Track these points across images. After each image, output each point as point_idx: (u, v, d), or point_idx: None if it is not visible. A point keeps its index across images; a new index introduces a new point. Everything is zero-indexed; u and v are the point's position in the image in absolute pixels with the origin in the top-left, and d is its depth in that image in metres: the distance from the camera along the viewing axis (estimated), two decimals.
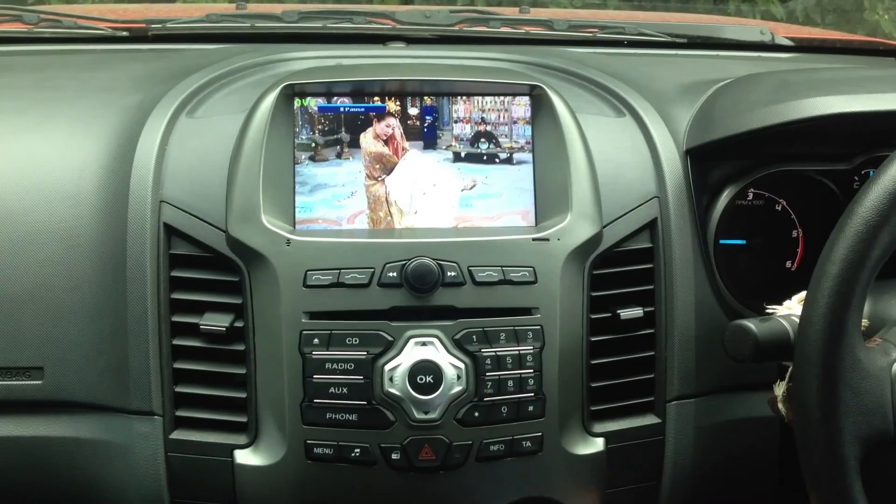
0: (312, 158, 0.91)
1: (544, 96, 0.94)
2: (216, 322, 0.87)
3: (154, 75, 1.05)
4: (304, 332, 0.85)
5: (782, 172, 1.01)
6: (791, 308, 0.87)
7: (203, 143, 0.93)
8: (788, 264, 1.04)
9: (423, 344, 0.84)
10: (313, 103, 0.92)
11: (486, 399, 0.85)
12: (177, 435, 0.89)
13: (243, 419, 0.89)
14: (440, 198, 0.92)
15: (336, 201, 0.91)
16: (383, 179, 0.92)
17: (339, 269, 0.85)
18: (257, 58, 1.09)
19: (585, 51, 1.24)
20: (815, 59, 1.37)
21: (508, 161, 0.93)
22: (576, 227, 0.89)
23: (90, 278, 0.89)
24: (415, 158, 0.93)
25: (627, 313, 0.92)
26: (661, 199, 0.96)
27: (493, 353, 0.85)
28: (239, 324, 0.88)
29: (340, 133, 0.92)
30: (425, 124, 0.93)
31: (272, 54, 1.10)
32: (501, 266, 0.87)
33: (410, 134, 0.93)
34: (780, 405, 0.84)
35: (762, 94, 0.99)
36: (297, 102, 0.92)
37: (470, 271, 0.86)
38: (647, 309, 0.93)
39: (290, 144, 0.91)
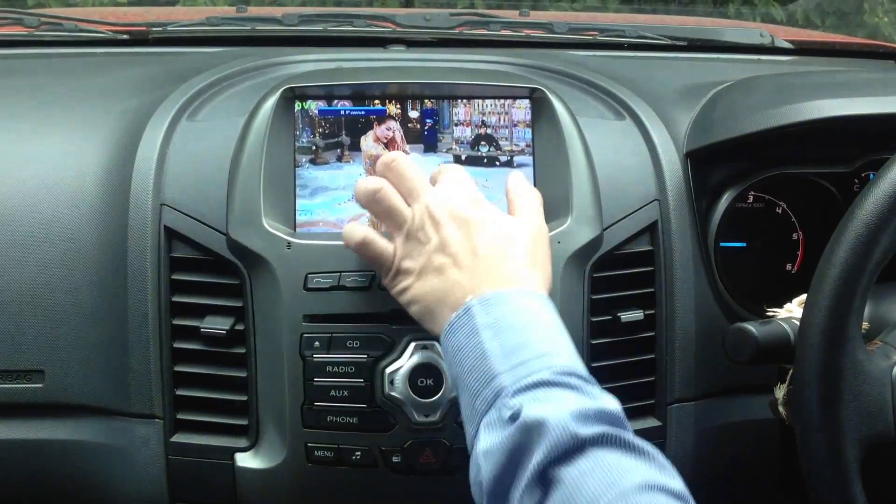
0: (313, 161, 0.91)
1: (545, 99, 0.94)
2: (217, 325, 0.87)
3: (154, 79, 1.05)
4: (305, 335, 0.85)
5: (782, 175, 1.01)
6: (791, 311, 0.87)
7: (204, 146, 0.93)
8: (789, 267, 1.04)
9: (424, 347, 0.84)
10: (314, 106, 0.92)
11: None
12: (177, 438, 0.89)
13: (244, 422, 0.89)
14: None
15: (337, 204, 0.91)
16: None
17: (340, 272, 0.85)
18: (257, 61, 1.09)
19: (585, 54, 1.25)
20: (814, 62, 1.37)
21: (509, 164, 0.93)
22: (576, 230, 0.89)
23: (91, 281, 0.89)
24: (415, 161, 0.92)
25: (628, 316, 0.92)
26: (662, 201, 0.96)
27: None
28: (239, 327, 0.88)
29: (341, 136, 0.92)
30: (426, 127, 0.93)
31: (272, 57, 1.10)
32: None
33: (411, 137, 0.93)
34: (780, 408, 0.84)
35: (762, 97, 0.99)
36: (297, 105, 0.92)
37: None
38: (647, 311, 0.93)
39: (290, 147, 0.91)
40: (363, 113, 0.93)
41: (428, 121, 0.93)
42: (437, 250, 0.76)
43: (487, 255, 0.75)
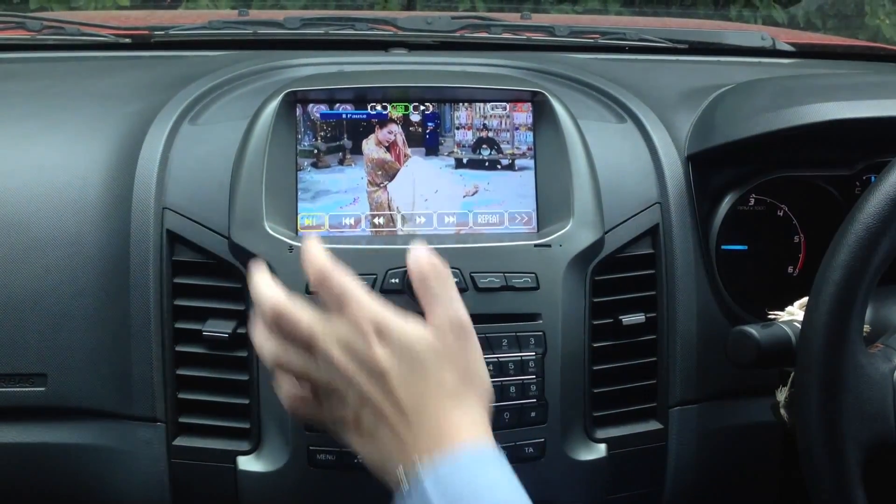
0: (315, 165, 0.92)
1: (546, 102, 0.94)
2: (219, 329, 0.87)
3: (156, 82, 1.05)
4: None
5: (784, 178, 1.01)
6: (793, 314, 0.87)
7: (206, 150, 0.93)
8: (790, 270, 1.04)
9: None
10: (315, 110, 0.92)
11: None
12: (180, 441, 0.89)
13: (246, 425, 0.89)
14: (442, 204, 0.92)
15: (338, 208, 0.91)
16: (385, 186, 0.92)
17: None
18: (259, 64, 1.09)
19: (587, 57, 1.25)
20: (816, 65, 1.37)
21: (510, 167, 0.94)
22: (577, 233, 0.89)
23: (93, 285, 0.89)
24: (417, 165, 0.93)
25: (629, 319, 0.92)
26: (663, 204, 0.96)
27: (496, 359, 0.85)
28: (242, 330, 0.88)
29: (342, 140, 0.92)
30: (427, 131, 0.93)
31: (274, 61, 1.10)
32: (503, 272, 0.87)
33: (412, 140, 0.93)
34: (781, 411, 0.85)
35: (763, 100, 0.99)
36: (299, 109, 0.92)
37: (472, 277, 0.86)
38: (649, 315, 0.94)
39: (292, 151, 0.91)
40: (364, 116, 0.93)
41: (429, 124, 0.93)
42: (362, 406, 0.69)
43: (414, 408, 0.68)
